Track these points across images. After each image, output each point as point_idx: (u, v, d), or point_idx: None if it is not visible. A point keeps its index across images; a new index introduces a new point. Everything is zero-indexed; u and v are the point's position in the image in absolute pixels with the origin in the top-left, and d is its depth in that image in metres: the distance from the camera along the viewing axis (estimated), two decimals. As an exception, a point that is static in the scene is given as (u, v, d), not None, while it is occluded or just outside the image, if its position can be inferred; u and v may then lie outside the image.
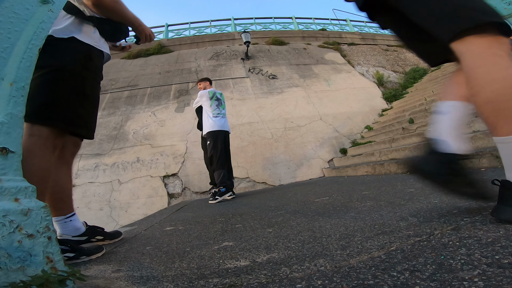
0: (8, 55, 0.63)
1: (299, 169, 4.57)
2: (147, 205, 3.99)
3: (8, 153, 0.59)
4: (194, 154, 4.55)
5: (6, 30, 0.64)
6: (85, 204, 3.98)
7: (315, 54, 7.42)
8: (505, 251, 0.55)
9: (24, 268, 0.53)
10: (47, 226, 0.59)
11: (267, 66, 6.57)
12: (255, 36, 7.67)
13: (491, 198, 0.79)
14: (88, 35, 1.26)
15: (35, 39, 0.69)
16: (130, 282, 0.78)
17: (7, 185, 0.57)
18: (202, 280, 0.70)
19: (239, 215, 1.72)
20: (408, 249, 0.67)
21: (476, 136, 2.25)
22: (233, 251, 0.94)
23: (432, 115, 0.92)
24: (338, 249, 0.77)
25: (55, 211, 1.22)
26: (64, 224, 1.25)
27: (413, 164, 0.91)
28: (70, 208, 1.29)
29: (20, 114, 0.64)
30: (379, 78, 6.76)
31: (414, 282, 0.50)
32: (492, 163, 1.78)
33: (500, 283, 0.44)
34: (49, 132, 1.08)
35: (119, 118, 5.22)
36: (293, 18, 9.02)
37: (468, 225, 0.75)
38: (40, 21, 0.71)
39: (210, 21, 8.67)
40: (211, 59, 6.84)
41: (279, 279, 0.63)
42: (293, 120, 5.24)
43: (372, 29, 9.70)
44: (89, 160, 4.48)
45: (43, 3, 0.72)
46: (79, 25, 1.24)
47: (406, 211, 1.06)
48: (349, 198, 1.66)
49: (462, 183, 0.83)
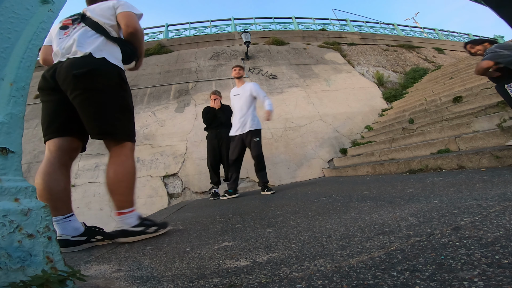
0: (8, 55, 0.63)
1: (299, 169, 4.57)
2: (147, 205, 3.99)
3: (8, 153, 0.59)
4: (194, 154, 4.55)
5: (6, 30, 0.64)
6: (85, 204, 3.98)
7: (315, 54, 7.42)
8: (505, 251, 0.55)
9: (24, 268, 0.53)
10: (47, 226, 0.59)
11: (267, 66, 6.57)
12: (255, 36, 7.67)
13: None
14: (115, 56, 1.41)
15: (35, 39, 0.69)
16: (130, 282, 0.78)
17: (7, 185, 0.57)
18: (202, 280, 0.70)
19: (239, 215, 1.72)
20: (408, 249, 0.67)
21: (476, 136, 2.25)
22: (233, 251, 0.94)
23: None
24: (338, 249, 0.77)
25: (54, 211, 1.23)
26: (63, 224, 1.26)
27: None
28: (69, 208, 1.31)
29: (20, 114, 0.64)
30: (379, 78, 6.76)
31: (414, 282, 0.50)
32: (492, 163, 1.78)
33: (500, 283, 0.44)
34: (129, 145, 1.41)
35: (119, 118, 5.22)
36: (293, 18, 9.02)
37: (468, 225, 0.75)
38: (40, 21, 0.71)
39: (210, 21, 8.67)
40: (211, 59, 6.84)
41: (279, 279, 0.63)
42: (293, 120, 5.24)
43: (372, 29, 9.70)
44: (89, 160, 4.48)
45: (43, 3, 0.72)
46: (107, 45, 1.39)
47: (406, 211, 1.06)
48: (349, 198, 1.66)
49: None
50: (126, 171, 1.34)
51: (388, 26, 10.30)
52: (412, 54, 8.80)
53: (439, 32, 10.99)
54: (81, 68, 1.24)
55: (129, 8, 1.47)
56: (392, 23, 10.43)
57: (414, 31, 10.59)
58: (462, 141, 2.38)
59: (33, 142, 4.92)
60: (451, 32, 11.47)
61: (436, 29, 11.11)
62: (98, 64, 1.29)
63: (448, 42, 10.49)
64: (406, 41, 9.41)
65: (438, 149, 2.57)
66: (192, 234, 1.36)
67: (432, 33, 10.99)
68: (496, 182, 1.27)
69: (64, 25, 1.44)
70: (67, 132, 1.35)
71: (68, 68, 1.24)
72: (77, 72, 1.22)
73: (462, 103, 3.46)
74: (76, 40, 1.32)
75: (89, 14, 1.43)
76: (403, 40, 9.39)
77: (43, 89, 1.36)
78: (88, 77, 1.25)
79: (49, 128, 1.33)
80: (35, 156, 4.67)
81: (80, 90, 1.24)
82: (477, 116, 2.81)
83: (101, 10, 1.45)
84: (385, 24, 10.39)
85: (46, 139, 1.35)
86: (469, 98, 3.53)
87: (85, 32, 1.37)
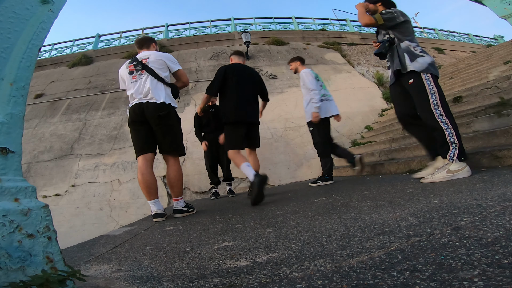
0: (8, 55, 0.63)
1: (299, 169, 4.56)
2: (147, 205, 3.97)
3: (8, 153, 0.59)
4: (194, 154, 4.55)
5: (6, 30, 0.64)
6: (85, 204, 3.98)
7: (315, 54, 7.42)
8: (505, 251, 0.55)
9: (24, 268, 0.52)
10: (47, 226, 0.59)
11: (267, 66, 6.57)
12: (255, 36, 7.67)
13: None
14: (173, 100, 2.19)
15: (35, 39, 0.69)
16: (130, 282, 0.78)
17: (7, 185, 0.57)
18: (202, 280, 0.70)
19: (239, 215, 1.72)
20: (408, 249, 0.67)
21: (476, 136, 2.25)
22: (233, 251, 0.94)
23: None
24: (338, 249, 0.77)
25: (150, 196, 2.06)
26: (157, 204, 2.09)
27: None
28: (156, 195, 2.11)
29: (20, 114, 0.64)
30: (379, 78, 6.76)
31: (414, 282, 0.50)
32: (492, 163, 1.78)
33: (500, 283, 0.44)
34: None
35: (119, 118, 5.22)
36: (293, 18, 9.02)
37: (468, 225, 0.75)
38: (40, 21, 0.71)
39: (210, 21, 8.67)
40: (211, 59, 6.84)
41: (279, 279, 0.63)
42: (293, 120, 5.23)
43: (372, 29, 9.69)
44: (89, 160, 4.48)
45: (43, 3, 0.72)
46: (168, 93, 2.15)
47: (406, 211, 1.06)
48: (349, 198, 1.66)
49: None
50: (180, 174, 2.17)
51: (388, 26, 10.28)
52: (412, 54, 8.78)
53: (439, 32, 10.99)
54: (162, 111, 2.04)
55: (178, 65, 2.26)
56: (392, 23, 10.42)
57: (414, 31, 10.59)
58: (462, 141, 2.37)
59: (33, 142, 4.92)
60: (451, 32, 11.47)
61: (436, 29, 11.11)
62: (169, 108, 2.10)
63: (448, 42, 10.49)
64: (406, 41, 9.39)
65: (438, 149, 2.56)
66: (192, 234, 1.36)
67: (432, 33, 10.99)
68: (496, 182, 1.26)
69: (131, 70, 2.15)
70: (151, 150, 2.13)
71: (155, 110, 2.03)
72: (161, 113, 2.04)
73: (462, 103, 3.46)
74: (150, 89, 2.05)
75: (147, 63, 2.12)
76: (403, 40, 9.38)
77: (135, 121, 2.09)
78: (167, 116, 2.07)
79: (143, 148, 2.09)
80: (35, 156, 4.67)
81: (162, 125, 2.06)
82: (477, 116, 2.81)
83: (158, 64, 2.14)
84: (385, 24, 10.37)
85: (139, 154, 2.09)
86: (469, 98, 3.53)
87: (152, 81, 2.08)
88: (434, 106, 1.78)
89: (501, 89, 3.15)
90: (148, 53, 2.18)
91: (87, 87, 6.25)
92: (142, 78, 2.09)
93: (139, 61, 2.13)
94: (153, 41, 2.34)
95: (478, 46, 11.08)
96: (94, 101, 5.78)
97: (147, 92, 2.05)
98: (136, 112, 2.05)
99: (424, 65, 1.85)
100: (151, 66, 2.10)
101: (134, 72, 2.13)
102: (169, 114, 2.07)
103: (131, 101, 2.13)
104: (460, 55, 9.52)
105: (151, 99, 2.04)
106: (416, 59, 1.88)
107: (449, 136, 1.77)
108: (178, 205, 2.14)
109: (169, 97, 2.12)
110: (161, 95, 2.06)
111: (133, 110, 2.07)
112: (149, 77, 2.08)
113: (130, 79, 2.13)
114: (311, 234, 0.98)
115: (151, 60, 2.13)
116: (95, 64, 7.18)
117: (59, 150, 4.73)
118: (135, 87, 2.08)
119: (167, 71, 2.19)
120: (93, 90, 6.08)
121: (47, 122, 5.35)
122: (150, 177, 2.05)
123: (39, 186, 4.19)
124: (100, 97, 5.86)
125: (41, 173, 4.42)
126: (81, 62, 7.15)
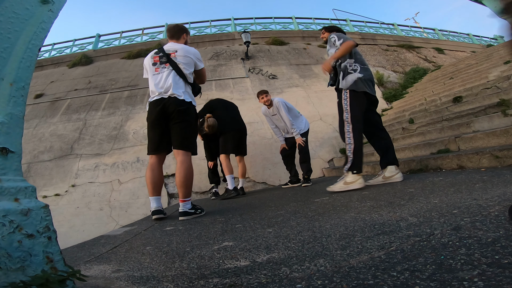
0: (8, 55, 0.63)
1: (299, 169, 4.56)
2: (147, 205, 3.98)
3: (8, 153, 0.59)
4: (194, 154, 4.55)
5: (6, 30, 0.64)
6: (85, 204, 3.98)
7: (315, 54, 7.42)
8: (505, 251, 0.55)
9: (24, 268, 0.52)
10: (47, 226, 0.59)
11: (267, 66, 6.57)
12: (255, 36, 7.67)
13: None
14: (193, 98, 2.13)
15: (35, 39, 0.69)
16: (130, 282, 0.78)
17: (7, 185, 0.57)
18: (202, 280, 0.70)
19: (239, 215, 1.72)
20: (408, 249, 0.67)
21: (476, 136, 2.25)
22: (233, 251, 0.94)
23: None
24: (338, 249, 0.77)
25: (155, 192, 2.13)
26: (158, 200, 2.15)
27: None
28: (160, 192, 2.17)
29: (20, 114, 0.64)
30: (379, 78, 6.76)
31: (414, 282, 0.50)
32: (492, 163, 1.78)
33: (500, 283, 0.44)
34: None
35: (119, 118, 5.22)
36: (293, 18, 9.02)
37: (468, 225, 0.75)
38: (40, 21, 0.71)
39: (210, 21, 8.67)
40: (211, 59, 6.84)
41: (279, 279, 0.63)
42: (293, 120, 5.23)
43: (372, 29, 9.70)
44: (89, 160, 4.48)
45: (43, 3, 0.72)
46: (189, 91, 2.11)
47: (406, 211, 1.06)
48: (349, 198, 1.66)
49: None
50: (190, 173, 2.04)
51: (388, 26, 10.29)
52: (412, 54, 8.79)
53: (439, 32, 10.99)
54: (182, 106, 1.99)
55: (202, 63, 2.20)
56: (392, 23, 10.42)
57: (414, 31, 10.58)
58: (462, 141, 2.38)
59: (33, 142, 4.92)
60: (451, 32, 11.47)
61: (436, 29, 11.11)
62: (189, 105, 2.05)
63: (448, 42, 10.49)
64: (406, 41, 9.41)
65: (438, 149, 2.57)
66: (192, 234, 1.36)
67: (432, 33, 10.99)
68: (496, 182, 1.26)
69: (155, 61, 2.08)
70: (165, 150, 2.14)
71: (175, 105, 1.98)
72: (181, 108, 1.98)
73: (462, 103, 3.46)
74: (172, 85, 1.98)
75: (174, 57, 2.05)
76: (403, 40, 9.39)
77: (154, 119, 2.04)
78: (186, 112, 2.01)
79: (158, 148, 2.09)
80: (35, 156, 4.67)
81: (180, 120, 2.00)
82: (477, 116, 2.81)
83: (186, 61, 2.06)
84: (385, 24, 10.38)
85: (153, 153, 2.10)
86: (469, 98, 3.53)
87: (175, 77, 2.02)
88: (347, 122, 2.04)
89: (501, 89, 3.15)
90: (177, 47, 2.09)
91: (87, 87, 6.25)
92: (164, 72, 2.02)
93: (166, 53, 2.05)
94: (184, 31, 2.23)
95: (478, 46, 11.08)
96: (94, 101, 5.78)
97: (168, 87, 1.98)
98: (156, 108, 2.00)
99: (349, 82, 2.03)
100: (178, 62, 2.03)
101: (157, 63, 2.05)
102: (188, 109, 2.03)
103: (151, 96, 2.07)
104: (460, 55, 9.52)
105: (172, 95, 1.98)
106: (346, 77, 2.06)
107: (348, 150, 2.02)
108: (184, 207, 1.97)
109: (189, 95, 2.07)
110: (181, 92, 2.01)
111: (154, 106, 2.02)
112: (172, 72, 2.01)
113: (153, 70, 2.06)
114: (311, 234, 0.98)
115: (179, 55, 2.05)
116: (95, 64, 7.18)
117: (59, 150, 4.73)
118: (156, 80, 2.02)
119: (192, 68, 2.12)
120: (93, 90, 6.09)
121: (47, 122, 5.35)
122: (158, 175, 2.12)
123: (39, 186, 4.19)
124: (100, 97, 5.86)
125: (41, 173, 4.42)
126: (81, 62, 7.15)
